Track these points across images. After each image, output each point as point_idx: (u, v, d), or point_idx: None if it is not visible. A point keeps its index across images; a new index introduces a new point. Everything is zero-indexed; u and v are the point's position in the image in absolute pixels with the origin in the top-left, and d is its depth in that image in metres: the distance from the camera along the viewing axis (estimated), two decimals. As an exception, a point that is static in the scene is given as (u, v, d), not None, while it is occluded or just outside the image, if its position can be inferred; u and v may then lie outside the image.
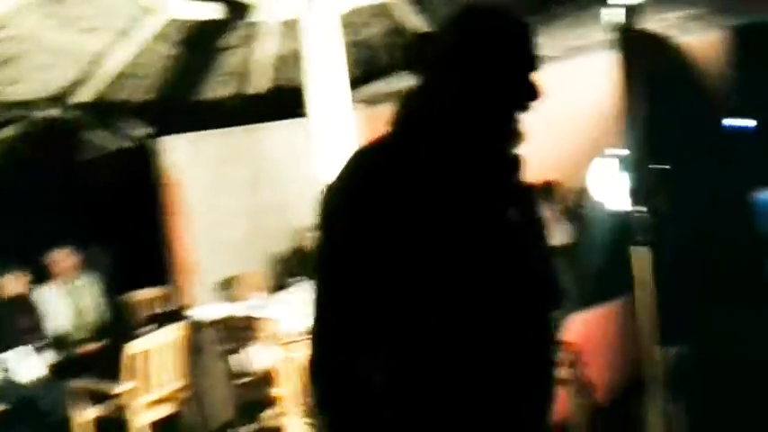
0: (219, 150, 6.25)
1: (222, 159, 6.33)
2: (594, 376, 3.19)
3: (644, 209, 2.98)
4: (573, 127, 7.29)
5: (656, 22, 5.98)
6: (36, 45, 4.12)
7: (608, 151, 3.54)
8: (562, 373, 3.20)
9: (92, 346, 4.78)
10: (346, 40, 4.75)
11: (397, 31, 4.93)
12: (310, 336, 1.13)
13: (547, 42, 6.87)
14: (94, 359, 4.55)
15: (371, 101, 8.54)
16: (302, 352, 3.27)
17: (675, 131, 4.82)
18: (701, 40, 6.41)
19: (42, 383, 4.08)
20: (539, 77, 1.16)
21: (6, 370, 4.11)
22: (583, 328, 3.24)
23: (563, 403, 3.28)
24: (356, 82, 5.07)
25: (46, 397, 4.01)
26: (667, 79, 5.83)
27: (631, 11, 5.30)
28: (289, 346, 3.38)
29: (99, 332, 5.09)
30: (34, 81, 4.36)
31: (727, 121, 7.08)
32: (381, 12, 4.66)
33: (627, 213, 2.98)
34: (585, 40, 6.97)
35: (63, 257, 5.05)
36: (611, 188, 3.34)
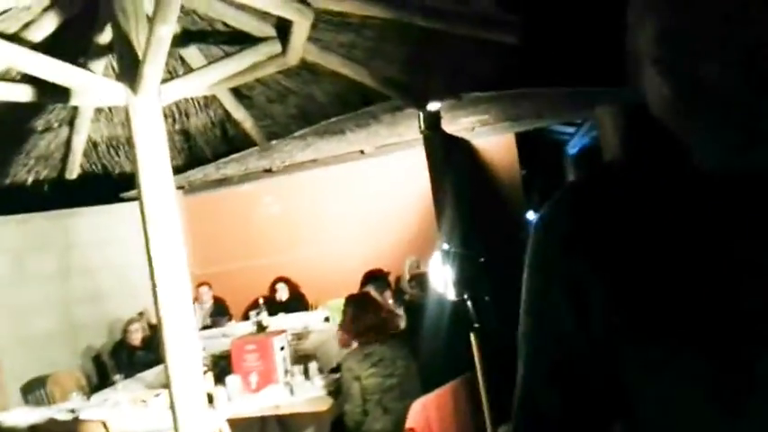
0: (22, 237, 5.79)
1: (26, 247, 5.86)
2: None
3: (465, 297, 3.27)
4: (389, 219, 7.72)
5: (453, 126, 6.66)
6: None
7: (441, 244, 3.83)
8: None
9: None
10: (170, 128, 4.77)
11: (221, 122, 5.00)
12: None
13: (363, 140, 7.38)
14: None
15: (190, 188, 8.43)
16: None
17: (482, 223, 5.33)
18: (494, 142, 7.31)
19: None
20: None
21: None
22: (422, 412, 3.41)
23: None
24: (176, 169, 4.97)
25: None
26: (467, 175, 6.46)
27: (434, 115, 5.85)
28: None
29: None
30: None
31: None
32: (205, 103, 4.73)
33: (454, 302, 3.23)
34: (399, 138, 7.54)
35: None
36: (443, 279, 3.60)
